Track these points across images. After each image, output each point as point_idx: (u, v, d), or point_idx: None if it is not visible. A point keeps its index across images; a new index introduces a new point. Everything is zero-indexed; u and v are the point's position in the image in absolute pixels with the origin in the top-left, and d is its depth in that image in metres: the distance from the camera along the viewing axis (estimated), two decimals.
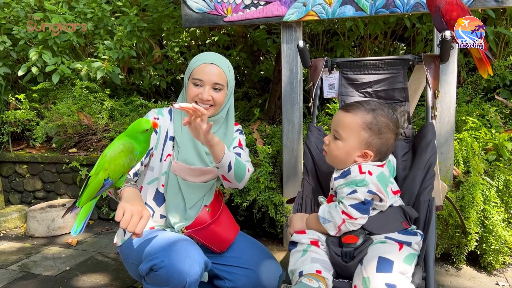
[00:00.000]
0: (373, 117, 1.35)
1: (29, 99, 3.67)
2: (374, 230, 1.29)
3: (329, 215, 1.31)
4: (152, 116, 1.69)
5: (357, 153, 1.36)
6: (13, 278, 2.32)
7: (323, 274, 1.21)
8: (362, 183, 1.29)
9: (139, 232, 1.21)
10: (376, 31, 3.25)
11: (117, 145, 1.32)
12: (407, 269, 1.20)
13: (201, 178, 1.69)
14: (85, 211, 1.25)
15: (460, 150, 2.43)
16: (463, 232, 2.24)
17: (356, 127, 1.35)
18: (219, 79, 1.62)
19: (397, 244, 1.25)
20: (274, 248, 2.67)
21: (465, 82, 3.18)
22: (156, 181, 1.69)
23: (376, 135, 1.34)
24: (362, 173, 1.31)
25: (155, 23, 3.73)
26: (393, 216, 1.32)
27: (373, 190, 1.27)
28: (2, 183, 3.47)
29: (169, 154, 1.68)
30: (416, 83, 1.78)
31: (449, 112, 2.34)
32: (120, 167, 1.29)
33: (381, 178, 1.31)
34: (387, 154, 1.39)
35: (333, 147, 1.39)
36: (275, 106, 3.39)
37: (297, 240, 1.36)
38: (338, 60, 1.76)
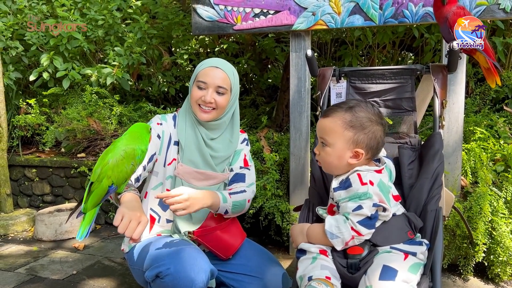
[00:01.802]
0: (352, 115, 1.33)
1: (40, 104, 3.72)
2: (379, 242, 1.28)
3: (337, 230, 1.29)
4: (155, 122, 1.71)
5: (348, 155, 1.34)
6: (21, 281, 2.34)
7: (332, 281, 1.21)
8: (365, 196, 1.26)
9: (136, 238, 1.22)
10: (385, 41, 3.27)
11: (118, 151, 1.33)
12: (412, 278, 1.19)
13: (206, 182, 1.70)
14: (90, 217, 1.28)
15: (468, 160, 2.43)
16: (471, 243, 2.23)
17: (338, 129, 1.33)
18: (222, 82, 1.65)
19: (402, 254, 1.25)
20: (280, 256, 2.67)
21: (473, 93, 3.18)
22: (160, 186, 1.70)
23: (361, 131, 1.32)
24: (363, 185, 1.28)
25: (165, 30, 3.78)
26: (397, 226, 1.31)
27: (377, 202, 1.26)
28: (11, 187, 3.50)
29: (174, 158, 1.70)
30: (423, 93, 1.78)
31: (457, 122, 2.34)
32: (123, 173, 1.31)
33: (382, 186, 1.30)
34: (378, 149, 1.37)
35: (323, 155, 1.38)
36: (283, 114, 3.41)
37: (306, 249, 1.35)
38: (346, 69, 1.77)
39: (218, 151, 1.72)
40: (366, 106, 1.36)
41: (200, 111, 1.67)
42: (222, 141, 1.74)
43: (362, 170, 1.32)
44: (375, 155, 1.37)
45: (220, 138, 1.74)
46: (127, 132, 1.42)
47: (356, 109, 1.34)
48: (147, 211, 1.70)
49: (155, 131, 1.67)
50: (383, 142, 1.38)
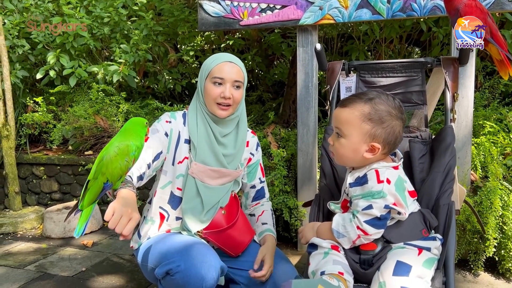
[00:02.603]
0: (371, 107, 1.26)
1: (47, 102, 3.73)
2: (392, 239, 1.26)
3: (344, 229, 1.26)
4: (164, 120, 1.68)
5: (364, 148, 1.27)
6: (30, 278, 2.35)
7: (345, 276, 1.20)
8: (379, 195, 1.22)
9: (126, 234, 1.19)
10: (392, 35, 3.24)
11: (112, 148, 1.33)
12: (426, 273, 1.17)
13: (219, 180, 1.69)
14: (87, 214, 1.28)
15: (477, 155, 2.40)
16: (481, 237, 2.21)
17: (356, 121, 1.27)
18: (238, 76, 1.63)
19: (416, 249, 1.23)
20: (289, 252, 2.66)
21: (482, 86, 3.15)
22: (170, 185, 1.68)
23: (379, 125, 1.25)
24: (380, 182, 1.23)
25: (171, 27, 3.77)
26: (412, 224, 1.28)
27: (390, 203, 1.22)
28: (20, 185, 3.52)
29: (186, 157, 1.67)
30: (434, 86, 1.76)
31: (467, 116, 2.31)
32: (117, 170, 1.31)
33: (399, 184, 1.26)
34: (396, 144, 1.30)
35: (337, 146, 1.32)
36: (290, 109, 3.39)
37: (317, 243, 1.34)
38: (355, 63, 1.75)
39: (229, 148, 1.71)
40: (387, 98, 1.29)
41: (219, 109, 1.63)
42: (232, 137, 1.73)
43: (380, 167, 1.27)
44: (392, 150, 1.31)
45: (231, 135, 1.72)
46: (121, 129, 1.41)
47: (376, 101, 1.27)
48: (157, 210, 1.69)
49: (163, 129, 1.64)
50: (401, 138, 1.32)
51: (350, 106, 1.29)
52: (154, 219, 1.69)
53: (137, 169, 1.46)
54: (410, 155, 1.53)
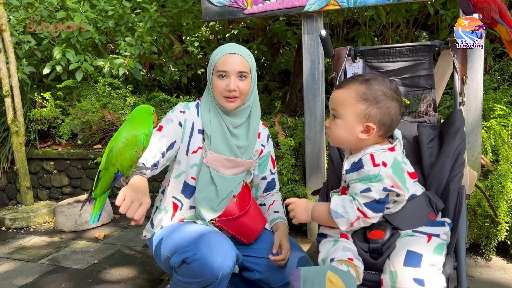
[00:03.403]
0: (367, 87, 1.27)
1: (54, 97, 3.75)
2: (400, 225, 1.25)
3: (343, 209, 1.25)
4: (178, 110, 1.70)
5: (359, 128, 1.27)
6: (44, 272, 2.38)
7: (354, 262, 1.20)
8: (376, 178, 1.21)
9: (137, 219, 1.20)
10: (398, 19, 3.19)
11: (120, 139, 1.34)
12: (437, 260, 1.16)
13: (233, 170, 1.70)
14: (100, 203, 1.32)
15: (488, 138, 2.37)
16: (493, 222, 2.19)
17: (351, 101, 1.27)
18: (242, 67, 1.62)
19: (425, 236, 1.22)
20: (299, 241, 2.66)
21: (492, 69, 3.10)
22: (183, 174, 1.69)
23: (374, 105, 1.25)
24: (376, 166, 1.22)
25: (175, 18, 3.75)
26: (418, 208, 1.27)
27: (388, 186, 1.21)
28: (31, 180, 3.55)
29: (200, 147, 1.69)
30: (442, 70, 1.74)
31: (476, 100, 2.28)
32: (127, 160, 1.32)
33: (396, 167, 1.24)
34: (392, 126, 1.29)
35: (333, 128, 1.32)
36: (296, 98, 3.37)
37: (326, 233, 1.34)
38: (362, 48, 1.73)
39: (242, 139, 1.71)
40: (383, 80, 1.29)
41: (226, 101, 1.64)
42: (244, 128, 1.73)
43: (375, 150, 1.27)
44: (388, 132, 1.30)
45: (244, 125, 1.73)
46: (128, 118, 1.42)
47: (371, 82, 1.28)
48: (170, 199, 1.71)
49: (177, 119, 1.66)
50: (398, 120, 1.31)
51: (345, 87, 1.30)
52: (167, 209, 1.71)
53: (152, 157, 1.47)
54: (418, 139, 1.51)
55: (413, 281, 1.09)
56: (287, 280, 1.66)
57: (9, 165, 3.70)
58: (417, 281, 1.09)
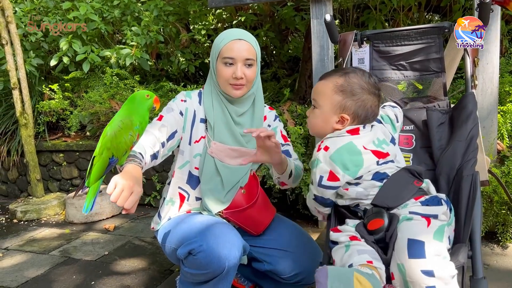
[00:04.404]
0: (345, 80, 1.33)
1: (62, 89, 3.75)
2: (390, 204, 1.22)
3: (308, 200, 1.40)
4: (180, 99, 1.65)
5: (334, 119, 1.34)
6: (55, 263, 2.39)
7: (374, 264, 1.14)
8: (314, 163, 1.28)
9: (128, 207, 1.18)
10: (410, 2, 3.11)
11: (116, 123, 1.32)
12: (440, 247, 1.10)
13: (238, 160, 1.65)
14: (94, 190, 1.29)
15: (504, 123, 2.30)
16: (509, 209, 2.13)
17: (329, 92, 1.34)
18: (249, 54, 1.56)
19: (424, 219, 1.16)
20: (309, 230, 2.63)
21: (507, 52, 3.01)
22: (187, 164, 1.66)
23: (349, 97, 1.32)
24: (318, 151, 1.30)
25: (181, 6, 3.71)
26: (400, 181, 1.25)
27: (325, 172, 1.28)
28: (41, 172, 3.57)
29: (202, 136, 1.64)
30: (452, 52, 1.66)
31: (492, 83, 2.20)
32: (122, 144, 1.30)
33: (344, 150, 1.28)
34: (367, 118, 1.35)
35: (311, 117, 1.40)
36: (305, 85, 3.31)
37: (335, 239, 1.29)
38: (368, 32, 1.67)
39: (246, 127, 1.65)
40: (362, 74, 1.35)
41: (233, 89, 1.58)
42: (248, 116, 1.68)
43: (330, 136, 1.34)
44: (363, 123, 1.35)
45: (247, 113, 1.67)
46: (124, 104, 1.40)
47: (350, 75, 1.34)
48: (176, 190, 1.68)
49: (178, 108, 1.61)
50: (375, 113, 1.36)
51: (325, 78, 1.38)
52: (174, 200, 1.68)
53: (151, 148, 1.45)
54: (428, 124, 1.46)
55: (422, 273, 1.04)
56: (296, 271, 1.63)
57: (19, 157, 3.72)
58: (426, 273, 1.04)
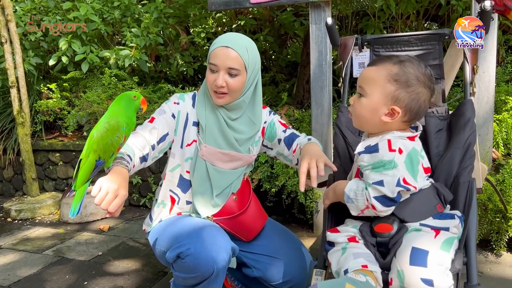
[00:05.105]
0: (400, 68, 1.20)
1: (60, 88, 3.74)
2: (406, 218, 1.20)
3: (354, 195, 1.20)
4: (173, 101, 1.63)
5: (383, 110, 1.21)
6: (48, 263, 2.37)
7: (370, 268, 1.13)
8: (390, 165, 1.14)
9: (112, 211, 1.17)
10: (408, 10, 3.12)
11: (102, 124, 1.29)
12: (445, 257, 1.10)
13: (231, 164, 1.63)
14: (80, 194, 1.26)
15: (499, 131, 2.32)
16: (504, 217, 2.14)
17: (381, 80, 1.20)
18: (234, 63, 1.50)
19: (433, 231, 1.16)
20: (304, 234, 2.63)
21: (504, 61, 3.03)
22: (178, 168, 1.63)
23: (404, 88, 1.19)
24: (391, 151, 1.16)
25: (181, 9, 3.72)
26: (425, 200, 1.22)
27: (401, 177, 1.14)
28: (37, 171, 3.55)
29: (194, 140, 1.62)
30: (452, 59, 1.69)
31: (488, 92, 2.22)
32: (108, 146, 1.27)
33: (413, 156, 1.18)
34: (418, 114, 1.23)
35: (357, 106, 1.26)
36: (303, 90, 3.33)
37: (333, 240, 1.28)
38: (369, 37, 1.68)
39: (241, 132, 1.64)
40: (418, 64, 1.22)
41: (215, 96, 1.56)
42: (244, 121, 1.65)
43: (394, 136, 1.20)
44: (413, 119, 1.24)
45: (242, 118, 1.64)
46: (111, 106, 1.37)
47: (406, 64, 1.21)
48: (167, 193, 1.66)
49: (170, 110, 1.59)
50: (426, 109, 1.25)
51: (378, 65, 1.24)
52: (165, 202, 1.67)
53: (140, 150, 1.43)
54: (425, 129, 1.46)
55: (421, 281, 1.04)
56: (286, 279, 1.63)
57: (15, 156, 3.70)
58: (425, 282, 1.03)
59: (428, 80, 1.22)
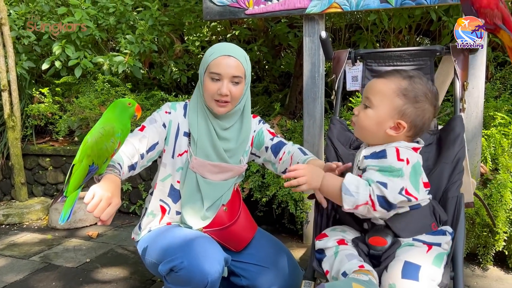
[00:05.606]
0: (409, 83, 1.21)
1: (53, 93, 3.73)
2: (401, 233, 1.21)
3: (355, 188, 1.16)
4: (164, 110, 1.63)
5: (389, 124, 1.22)
6: (35, 269, 2.35)
7: (367, 267, 1.14)
8: (398, 173, 1.14)
9: (104, 219, 1.15)
10: (401, 25, 3.17)
11: (97, 129, 1.28)
12: (437, 273, 1.11)
13: (221, 176, 1.63)
14: (72, 200, 1.24)
15: (488, 146, 2.35)
16: (491, 231, 2.16)
17: (390, 93, 1.21)
18: (237, 71, 1.54)
19: (426, 246, 1.17)
20: (294, 245, 2.63)
21: (493, 77, 3.08)
22: (169, 178, 1.63)
23: (412, 103, 1.20)
24: (400, 160, 1.16)
25: (177, 17, 3.74)
26: (421, 217, 1.23)
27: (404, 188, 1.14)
28: (26, 176, 3.52)
29: (185, 150, 1.62)
30: (443, 75, 1.71)
31: (477, 107, 2.26)
32: (103, 151, 1.26)
33: (417, 169, 1.19)
34: (422, 130, 1.25)
35: (362, 117, 1.25)
36: (296, 101, 3.35)
37: (322, 247, 1.28)
38: (362, 51, 1.70)
39: (231, 142, 1.64)
40: (426, 81, 1.24)
41: (217, 105, 1.56)
42: (235, 129, 1.66)
43: (401, 146, 1.21)
44: (416, 135, 1.26)
45: (234, 127, 1.66)
46: (105, 112, 1.37)
47: (415, 80, 1.23)
48: (157, 202, 1.66)
49: (161, 120, 1.59)
50: (429, 126, 1.27)
51: (387, 78, 1.25)
52: (155, 213, 1.66)
53: (129, 158, 1.43)
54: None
55: None
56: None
57: (4, 160, 3.67)
58: None
59: (434, 98, 1.24)
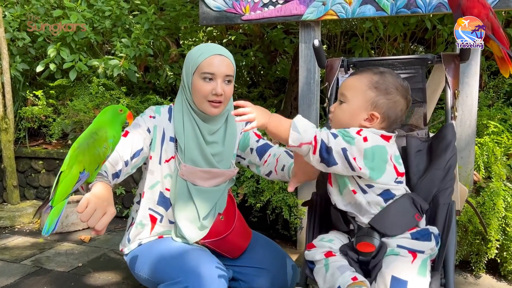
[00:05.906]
0: (380, 77, 1.28)
1: (47, 95, 3.71)
2: (387, 231, 1.22)
3: (303, 128, 1.19)
4: (148, 114, 1.57)
5: (363, 115, 1.27)
6: (26, 273, 2.33)
7: (360, 278, 1.15)
8: (350, 138, 1.18)
9: (99, 229, 1.10)
10: (396, 33, 3.20)
11: (88, 135, 1.23)
12: (423, 284, 1.13)
13: (212, 181, 1.59)
14: (58, 210, 1.15)
15: (481, 155, 2.36)
16: (483, 239, 2.17)
17: (362, 86, 1.28)
18: (229, 70, 1.52)
19: (410, 255, 1.18)
20: (288, 251, 2.62)
21: (486, 86, 3.11)
22: (158, 185, 1.58)
23: (383, 95, 1.26)
24: (357, 133, 1.21)
25: (172, 21, 3.74)
26: (403, 210, 1.24)
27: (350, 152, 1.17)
28: (18, 178, 3.50)
29: (172, 156, 1.57)
30: (434, 84, 1.72)
31: (471, 116, 2.27)
32: (95, 157, 1.20)
33: (375, 152, 1.20)
34: (395, 121, 1.30)
35: (338, 112, 1.32)
36: (291, 106, 3.36)
37: (311, 259, 1.29)
38: (354, 59, 1.71)
39: (219, 145, 1.61)
40: (396, 76, 1.31)
41: (211, 106, 1.52)
42: (221, 132, 1.63)
43: (368, 130, 1.24)
44: (390, 127, 1.30)
45: (220, 130, 1.62)
46: (96, 118, 1.32)
47: (386, 74, 1.29)
48: (146, 212, 1.60)
49: (145, 125, 1.53)
50: (402, 119, 1.32)
51: (359, 74, 1.32)
52: (144, 223, 1.61)
53: (112, 166, 1.38)
54: (406, 150, 1.50)
55: None
56: None
57: None
58: None
59: (405, 91, 1.30)
